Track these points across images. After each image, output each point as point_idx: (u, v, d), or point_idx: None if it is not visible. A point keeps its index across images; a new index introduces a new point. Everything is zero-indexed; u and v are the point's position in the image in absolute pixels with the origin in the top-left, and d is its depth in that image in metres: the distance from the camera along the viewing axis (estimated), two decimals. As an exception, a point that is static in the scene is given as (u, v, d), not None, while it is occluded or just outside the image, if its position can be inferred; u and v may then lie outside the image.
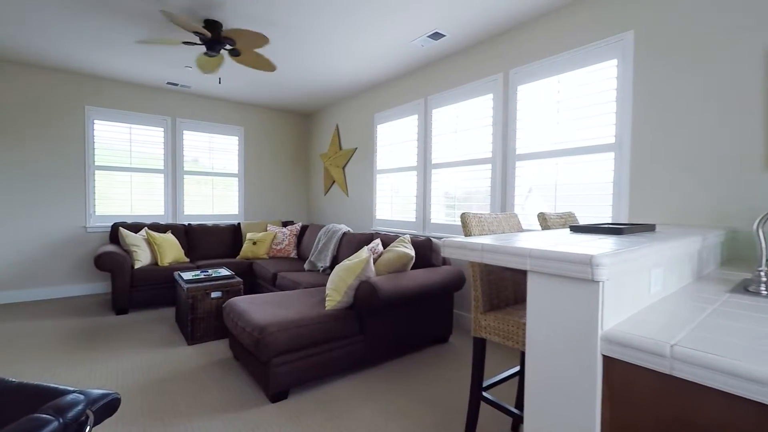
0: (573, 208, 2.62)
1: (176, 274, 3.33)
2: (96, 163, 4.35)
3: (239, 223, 4.92)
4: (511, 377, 1.75)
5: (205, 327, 2.92)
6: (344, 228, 4.03)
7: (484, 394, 1.53)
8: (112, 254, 3.56)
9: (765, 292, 1.13)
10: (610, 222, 1.92)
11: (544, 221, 1.85)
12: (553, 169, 2.74)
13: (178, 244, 4.20)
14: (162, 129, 4.76)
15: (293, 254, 4.65)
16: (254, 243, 4.54)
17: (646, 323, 0.85)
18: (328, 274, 3.66)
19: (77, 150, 4.24)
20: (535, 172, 2.86)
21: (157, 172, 4.74)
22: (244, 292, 4.34)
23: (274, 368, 2.05)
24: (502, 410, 1.48)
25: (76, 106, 4.22)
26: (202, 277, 3.08)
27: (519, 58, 2.95)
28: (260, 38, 2.88)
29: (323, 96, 4.97)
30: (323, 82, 4.40)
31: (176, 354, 2.69)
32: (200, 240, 4.58)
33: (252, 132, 5.50)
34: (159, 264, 3.92)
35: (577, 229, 1.40)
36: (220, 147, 5.24)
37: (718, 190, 2.00)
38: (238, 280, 3.12)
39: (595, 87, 2.49)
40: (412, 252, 2.75)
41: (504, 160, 3.06)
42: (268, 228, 4.84)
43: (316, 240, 4.16)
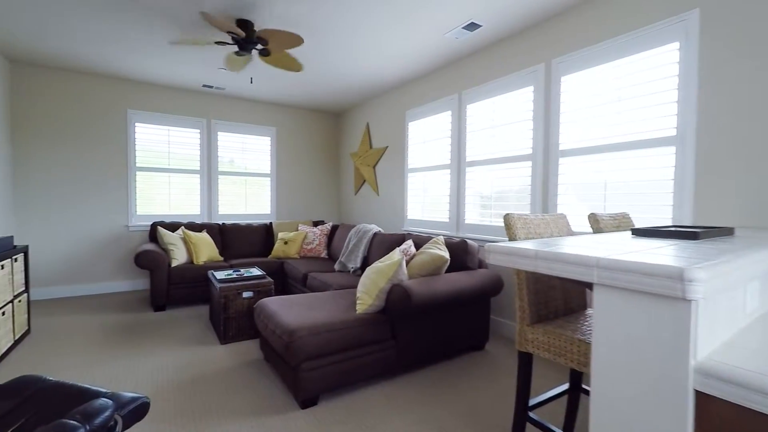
0: (625, 208, 2.39)
1: (210, 273, 3.37)
2: (137, 165, 4.51)
3: (271, 223, 4.96)
4: (560, 395, 1.59)
5: (237, 327, 2.93)
6: (375, 228, 3.94)
7: (531, 414, 1.39)
8: (150, 252, 3.66)
9: None
10: (674, 224, 1.71)
11: (596, 223, 1.66)
12: (602, 166, 2.52)
13: (213, 243, 4.28)
14: (198, 131, 4.88)
15: (324, 254, 4.62)
16: (285, 243, 4.55)
17: (748, 350, 0.70)
18: (359, 275, 3.58)
19: (120, 152, 4.41)
20: (582, 170, 2.65)
21: (194, 172, 4.86)
22: (276, 291, 4.36)
23: (304, 373, 1.99)
24: (552, 434, 1.33)
25: (119, 110, 4.39)
26: (235, 276, 3.09)
27: (563, 47, 2.73)
28: (295, 39, 2.83)
29: (353, 94, 4.91)
30: (352, 81, 4.34)
31: (209, 353, 2.70)
32: (233, 239, 4.65)
33: (284, 132, 5.54)
34: (194, 262, 4.00)
35: (641, 232, 1.23)
36: (253, 147, 5.31)
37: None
38: (269, 280, 3.11)
39: (652, 74, 2.25)
40: (446, 254, 2.61)
41: (546, 156, 2.86)
42: (299, 228, 4.84)
43: (347, 240, 4.10)
